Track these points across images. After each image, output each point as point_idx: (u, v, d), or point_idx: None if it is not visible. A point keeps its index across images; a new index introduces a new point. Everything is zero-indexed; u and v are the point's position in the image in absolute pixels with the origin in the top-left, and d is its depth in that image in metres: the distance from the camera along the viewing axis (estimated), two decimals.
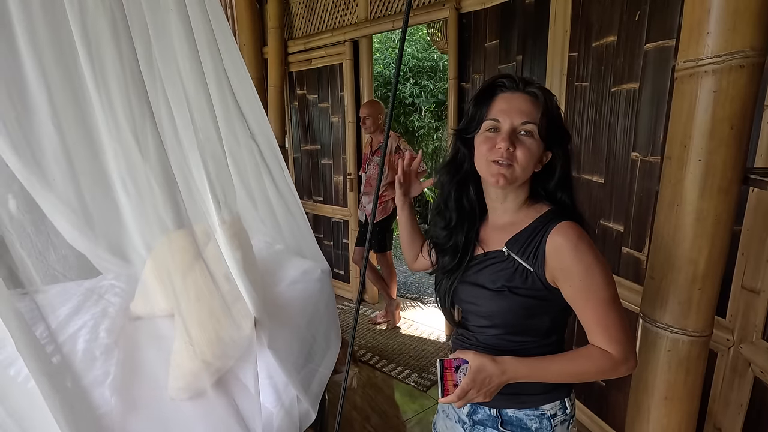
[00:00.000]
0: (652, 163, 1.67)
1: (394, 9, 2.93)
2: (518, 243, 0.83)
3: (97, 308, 1.59)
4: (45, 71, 1.18)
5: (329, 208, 3.73)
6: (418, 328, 3.20)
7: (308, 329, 1.59)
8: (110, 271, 1.74)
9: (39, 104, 1.22)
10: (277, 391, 1.33)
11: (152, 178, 1.05)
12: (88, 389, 1.12)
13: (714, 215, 0.90)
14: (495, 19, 2.43)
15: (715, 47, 0.85)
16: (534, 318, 0.84)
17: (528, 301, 0.82)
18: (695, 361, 1.00)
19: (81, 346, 1.37)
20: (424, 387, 2.49)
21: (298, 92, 3.76)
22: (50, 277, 1.51)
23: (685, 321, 0.98)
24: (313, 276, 1.77)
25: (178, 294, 1.15)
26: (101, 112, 1.05)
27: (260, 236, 1.93)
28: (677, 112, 0.95)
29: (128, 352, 1.32)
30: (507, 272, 0.83)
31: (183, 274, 1.14)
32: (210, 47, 1.27)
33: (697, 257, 0.93)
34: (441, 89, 5.46)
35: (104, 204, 1.58)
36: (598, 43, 1.87)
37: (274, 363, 1.32)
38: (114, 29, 0.97)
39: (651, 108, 1.65)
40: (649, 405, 1.05)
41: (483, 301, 0.86)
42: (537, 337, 0.86)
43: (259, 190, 1.65)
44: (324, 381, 1.59)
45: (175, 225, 1.05)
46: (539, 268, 0.80)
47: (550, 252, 0.78)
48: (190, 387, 1.16)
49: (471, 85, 2.65)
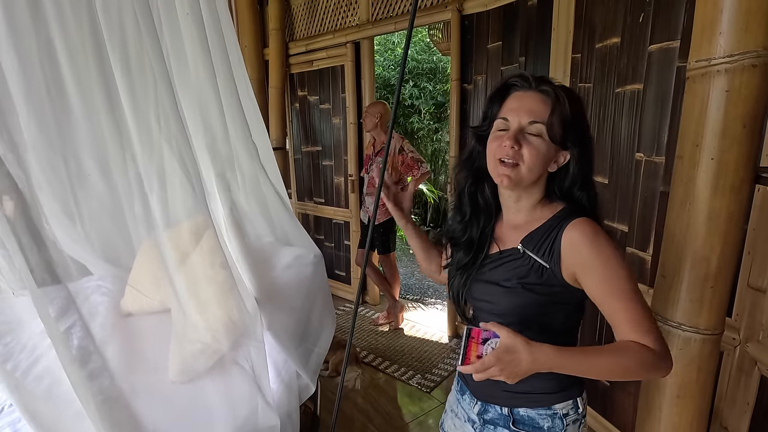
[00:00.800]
0: (656, 163, 1.68)
1: (395, 11, 2.94)
2: (533, 240, 0.83)
3: (85, 307, 1.60)
4: (26, 71, 1.19)
5: (330, 209, 3.73)
6: (420, 329, 3.20)
7: (303, 311, 1.64)
8: (98, 271, 1.75)
9: (18, 103, 1.23)
10: (277, 368, 1.38)
11: (168, 171, 1.06)
12: (86, 381, 1.12)
13: (726, 213, 0.91)
14: (497, 20, 2.44)
15: (727, 47, 0.85)
16: (548, 315, 0.84)
17: (542, 298, 0.82)
18: (707, 360, 1.00)
19: (75, 342, 1.37)
20: (427, 388, 2.48)
21: (299, 93, 3.76)
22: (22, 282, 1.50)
23: (697, 319, 0.98)
24: (305, 261, 1.83)
25: (175, 284, 1.17)
26: (84, 108, 1.06)
27: (250, 229, 1.96)
28: (689, 111, 0.96)
29: (124, 345, 1.34)
30: (522, 269, 0.83)
31: (174, 268, 1.16)
32: (221, 50, 1.29)
33: (709, 255, 0.94)
34: (440, 91, 5.47)
35: (94, 202, 1.59)
36: (601, 45, 1.88)
37: (272, 342, 1.36)
38: (94, 36, 0.98)
39: (655, 108, 1.66)
40: (660, 403, 1.05)
41: (497, 298, 0.86)
42: (550, 335, 0.85)
43: (253, 185, 1.68)
44: (320, 360, 1.65)
45: (163, 223, 1.08)
46: (555, 265, 0.80)
47: (566, 248, 0.78)
48: (189, 369, 1.19)
49: (473, 87, 2.66)
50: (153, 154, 1.02)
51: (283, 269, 1.74)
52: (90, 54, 1.19)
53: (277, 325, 1.40)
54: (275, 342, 1.38)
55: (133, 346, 1.28)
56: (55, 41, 1.20)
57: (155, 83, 0.98)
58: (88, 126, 1.19)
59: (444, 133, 5.47)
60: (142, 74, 1.04)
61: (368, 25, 3.08)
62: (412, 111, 5.56)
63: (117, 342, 1.26)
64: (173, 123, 0.98)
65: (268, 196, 1.78)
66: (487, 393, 0.92)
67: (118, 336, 1.29)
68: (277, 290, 1.55)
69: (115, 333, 1.30)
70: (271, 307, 1.39)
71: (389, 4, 2.96)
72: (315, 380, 1.53)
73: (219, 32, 1.27)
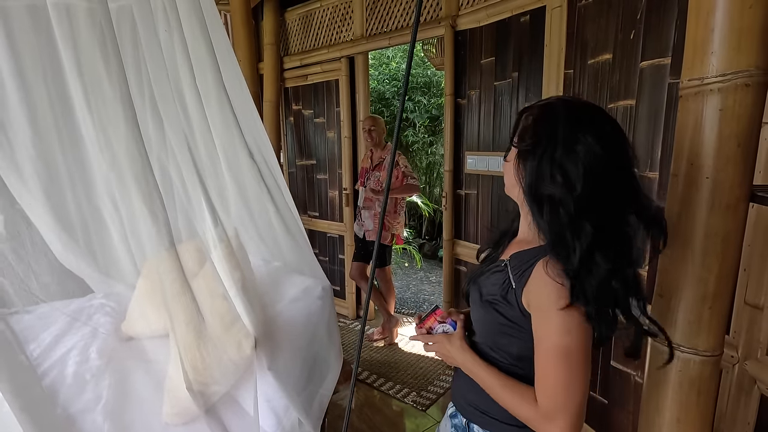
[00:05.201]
0: (650, 178, 1.68)
1: (390, 26, 2.96)
2: (518, 258, 0.83)
3: (86, 329, 1.54)
4: (30, 90, 1.16)
5: (325, 223, 3.70)
6: (415, 345, 3.15)
7: (309, 350, 1.56)
8: (101, 290, 1.69)
9: (22, 124, 1.20)
10: (277, 415, 1.29)
11: (140, 196, 1.02)
12: (78, 416, 1.07)
13: (723, 233, 0.90)
14: (490, 36, 2.46)
15: (720, 66, 0.85)
16: (505, 338, 0.84)
17: (501, 319, 0.83)
18: (707, 382, 0.98)
19: (71, 369, 1.32)
20: (423, 406, 2.44)
21: (294, 107, 3.76)
22: (32, 298, 1.46)
23: (696, 340, 0.96)
24: (314, 293, 1.73)
25: (169, 317, 1.12)
26: (92, 131, 1.03)
27: (258, 254, 1.90)
28: (682, 130, 0.95)
29: (120, 375, 1.27)
30: (497, 283, 0.84)
31: (173, 298, 1.10)
32: (212, 65, 1.26)
33: (707, 276, 0.92)
34: (435, 105, 5.51)
35: (94, 221, 1.55)
36: (593, 61, 1.90)
37: (274, 385, 1.28)
38: (103, 49, 0.95)
39: (648, 124, 1.67)
40: (660, 426, 1.03)
41: (474, 306, 0.91)
42: (505, 359, 0.86)
43: (258, 208, 1.62)
44: (325, 403, 1.55)
45: (164, 244, 1.03)
46: (520, 287, 0.79)
47: (533, 278, 0.77)
48: (184, 412, 1.12)
49: (467, 101, 2.67)
50: (118, 176, 0.99)
51: (290, 302, 1.66)
52: (96, 71, 1.15)
53: (279, 367, 1.32)
54: (277, 385, 1.30)
55: (128, 377, 1.22)
56: (62, 60, 1.17)
57: (117, 103, 0.94)
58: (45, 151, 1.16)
59: (438, 146, 5.48)
60: (104, 94, 0.99)
61: (363, 40, 3.10)
62: (407, 124, 5.59)
63: (114, 371, 1.20)
64: (136, 144, 0.95)
65: (272, 217, 1.73)
66: (459, 400, 0.97)
67: (115, 363, 1.24)
68: (281, 327, 1.48)
69: (113, 360, 1.25)
70: (272, 346, 1.32)
71: (384, 20, 2.99)
72: (318, 428, 1.45)
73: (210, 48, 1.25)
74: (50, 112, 1.22)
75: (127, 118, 0.89)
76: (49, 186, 1.27)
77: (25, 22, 0.99)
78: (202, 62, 1.20)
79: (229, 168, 1.45)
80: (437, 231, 5.82)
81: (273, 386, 1.28)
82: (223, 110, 1.32)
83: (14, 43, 0.99)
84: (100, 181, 1.01)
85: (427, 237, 5.93)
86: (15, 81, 1.09)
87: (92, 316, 1.62)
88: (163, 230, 0.95)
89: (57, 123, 1.08)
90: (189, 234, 1.08)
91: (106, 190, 1.03)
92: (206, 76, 1.22)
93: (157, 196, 0.94)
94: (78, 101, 0.95)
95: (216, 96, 1.27)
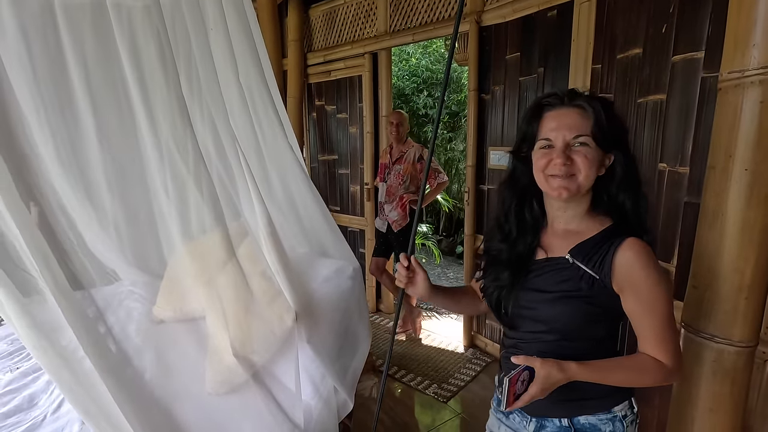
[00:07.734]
0: (680, 173, 1.67)
1: (413, 22, 2.98)
2: (582, 252, 0.85)
3: (121, 312, 1.62)
4: (92, 89, 1.23)
5: (346, 217, 3.75)
6: (435, 338, 3.19)
7: (342, 324, 1.63)
8: (129, 277, 1.78)
9: (86, 119, 1.27)
10: (314, 383, 1.37)
11: (192, 180, 1.08)
12: (129, 383, 1.13)
13: (761, 224, 0.90)
14: (516, 32, 2.46)
15: (761, 58, 0.86)
16: (592, 324, 0.86)
17: (589, 308, 0.84)
18: (741, 372, 0.99)
19: (113, 347, 1.39)
20: (444, 398, 2.47)
21: (317, 103, 3.81)
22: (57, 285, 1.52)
23: (731, 331, 0.97)
24: (345, 273, 1.81)
25: (212, 293, 1.18)
26: (147, 127, 1.09)
27: (285, 240, 1.97)
28: (720, 123, 0.96)
29: (159, 352, 1.34)
30: (570, 278, 0.85)
31: (217, 273, 1.17)
32: (253, 61, 1.32)
33: (743, 266, 0.93)
34: (454, 101, 5.50)
35: (134, 210, 1.62)
36: (623, 56, 1.89)
37: (311, 356, 1.36)
38: (161, 52, 1.01)
39: (679, 119, 1.66)
40: (693, 416, 1.04)
41: (542, 305, 0.88)
42: (592, 343, 0.87)
43: (298, 196, 1.69)
44: (357, 374, 1.63)
45: (215, 222, 1.09)
46: (606, 276, 0.82)
47: (620, 264, 0.81)
48: (229, 380, 1.19)
49: (491, 97, 2.67)
50: (171, 165, 1.04)
51: (323, 282, 1.73)
52: (108, 67, 1.21)
53: (316, 339, 1.39)
54: (314, 356, 1.36)
55: (168, 354, 1.29)
56: (86, 53, 1.22)
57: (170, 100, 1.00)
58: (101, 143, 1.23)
59: (457, 143, 5.47)
60: (160, 93, 1.05)
61: (386, 36, 3.12)
62: (426, 120, 5.59)
63: (152, 348, 1.27)
64: (189, 136, 1.00)
65: (304, 204, 1.78)
66: (542, 408, 0.89)
67: (152, 342, 1.30)
68: (316, 303, 1.55)
69: (150, 339, 1.32)
70: (309, 320, 1.39)
71: (407, 16, 3.01)
72: (353, 396, 1.51)
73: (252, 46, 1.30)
74: (67, 103, 1.27)
75: (181, 113, 0.95)
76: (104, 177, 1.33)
77: (87, 21, 1.06)
78: (244, 59, 1.26)
79: (269, 157, 1.51)
80: (455, 227, 5.82)
81: (310, 357, 1.35)
82: (264, 103, 1.37)
83: (80, 40, 1.06)
84: (155, 169, 1.07)
85: (444, 233, 5.93)
86: (78, 69, 1.15)
87: (123, 301, 1.70)
88: (213, 210, 1.01)
89: (114, 118, 1.15)
90: (233, 216, 1.14)
91: (159, 177, 1.08)
92: (249, 72, 1.28)
93: (206, 179, 1.00)
94: (134, 92, 1.02)
95: (257, 90, 1.33)
